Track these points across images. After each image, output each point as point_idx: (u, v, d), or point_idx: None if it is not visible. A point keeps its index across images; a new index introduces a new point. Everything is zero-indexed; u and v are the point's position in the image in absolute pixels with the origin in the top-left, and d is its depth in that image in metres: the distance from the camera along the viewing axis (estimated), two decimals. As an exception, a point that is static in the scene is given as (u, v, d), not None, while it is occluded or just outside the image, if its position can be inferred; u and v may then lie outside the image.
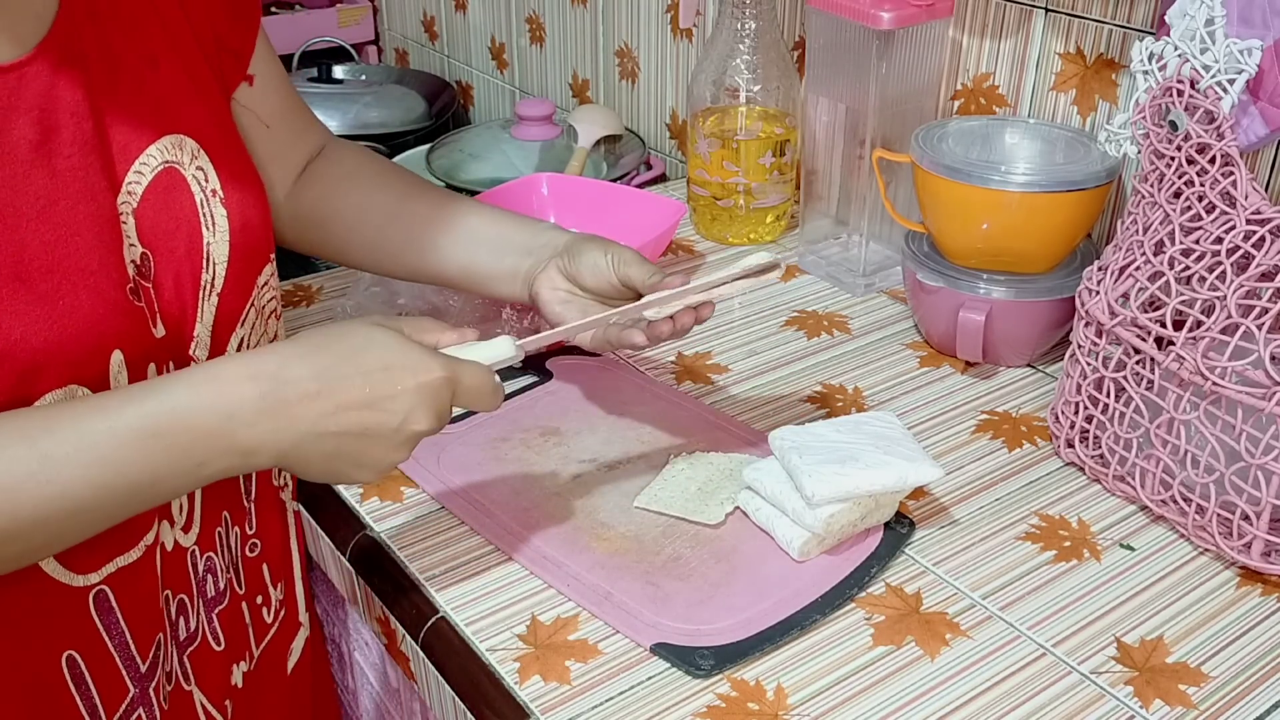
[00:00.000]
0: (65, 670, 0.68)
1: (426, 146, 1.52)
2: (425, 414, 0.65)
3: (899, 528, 0.81)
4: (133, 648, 0.71)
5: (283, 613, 0.86)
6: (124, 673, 0.71)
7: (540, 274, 0.85)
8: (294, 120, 0.88)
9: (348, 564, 0.82)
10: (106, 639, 0.70)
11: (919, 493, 0.86)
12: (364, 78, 1.90)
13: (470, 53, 1.88)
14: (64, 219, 0.63)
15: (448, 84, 1.89)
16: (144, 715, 0.73)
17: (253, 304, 0.75)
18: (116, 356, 0.65)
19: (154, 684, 0.73)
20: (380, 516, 0.84)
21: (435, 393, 0.65)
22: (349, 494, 0.86)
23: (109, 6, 0.68)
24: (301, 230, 0.90)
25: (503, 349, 0.71)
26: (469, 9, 1.84)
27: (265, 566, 0.83)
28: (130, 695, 0.72)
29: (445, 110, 1.80)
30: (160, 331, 0.68)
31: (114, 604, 0.69)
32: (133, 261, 0.66)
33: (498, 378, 0.70)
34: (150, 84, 0.69)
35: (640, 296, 0.80)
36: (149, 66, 0.70)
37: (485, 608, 0.75)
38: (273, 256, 0.78)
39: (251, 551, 0.81)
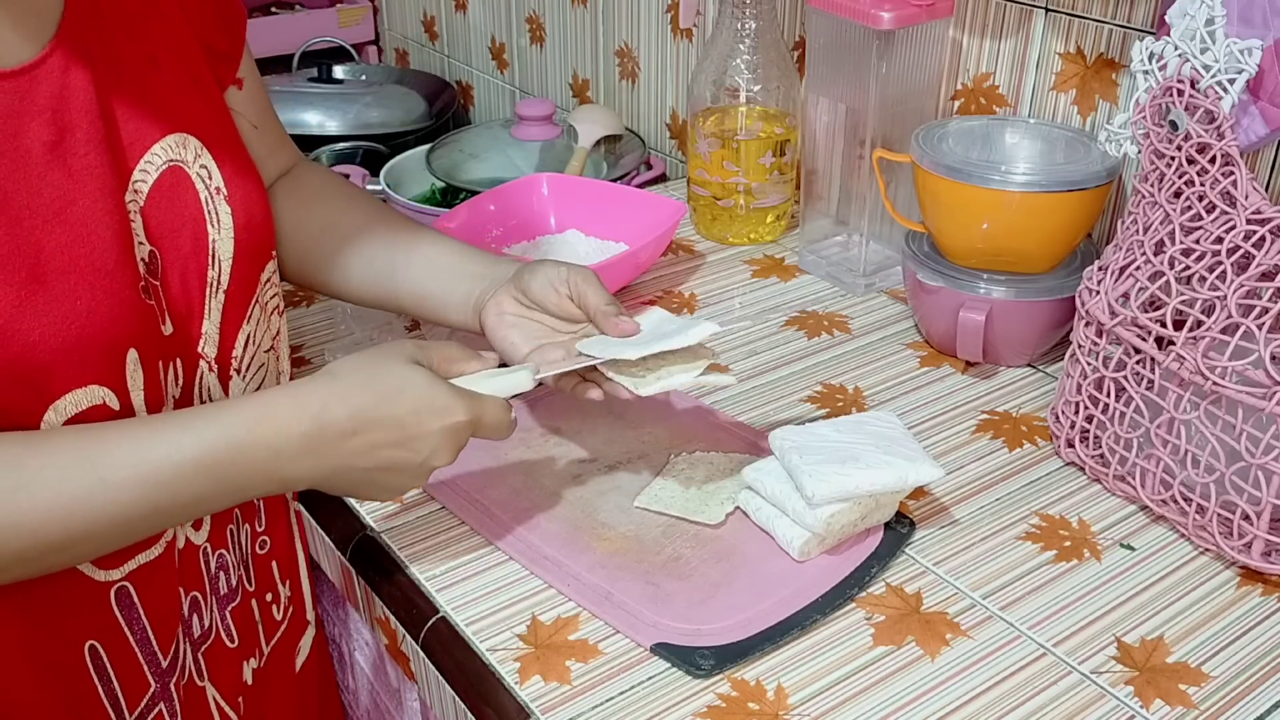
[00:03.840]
0: (88, 659, 0.69)
1: (426, 146, 1.52)
2: (447, 451, 0.71)
3: (899, 528, 0.81)
4: (154, 643, 0.72)
5: (291, 610, 0.86)
6: (145, 668, 0.72)
7: (490, 300, 0.83)
8: (270, 131, 0.89)
9: (348, 563, 0.82)
10: (128, 633, 0.70)
11: (919, 493, 0.86)
12: (364, 78, 1.90)
13: (470, 53, 1.89)
14: (81, 218, 0.63)
15: (448, 84, 1.89)
16: (164, 710, 0.73)
17: (257, 300, 0.76)
18: (132, 355, 0.65)
19: (174, 680, 0.73)
20: (380, 516, 0.84)
21: (458, 434, 0.71)
22: (349, 494, 0.86)
23: (111, 6, 0.69)
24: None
25: (521, 380, 0.76)
26: (469, 9, 1.84)
27: (274, 564, 0.83)
28: (152, 690, 0.72)
29: (445, 110, 1.80)
30: (169, 329, 0.69)
31: (135, 600, 0.70)
32: (142, 259, 0.67)
33: (514, 410, 0.75)
34: (153, 83, 0.70)
35: (588, 319, 0.81)
36: (151, 65, 0.70)
37: (485, 608, 0.75)
38: (274, 253, 0.78)
39: (261, 549, 0.82)
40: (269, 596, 0.83)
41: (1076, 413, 0.87)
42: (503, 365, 0.78)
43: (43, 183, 0.62)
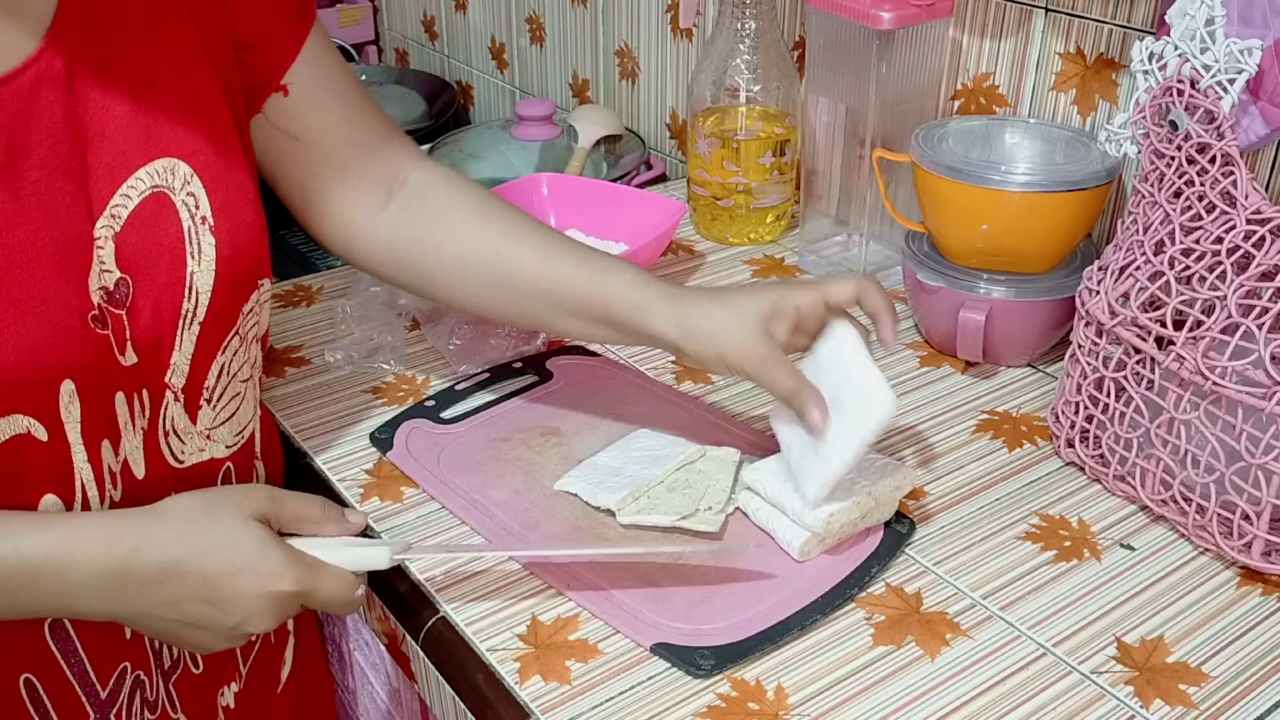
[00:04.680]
0: (23, 692, 0.68)
1: (426, 147, 1.52)
2: (264, 618, 0.66)
3: (899, 527, 0.81)
4: (92, 675, 0.71)
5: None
6: (84, 699, 0.71)
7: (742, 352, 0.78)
8: (360, 135, 0.82)
9: (348, 564, 0.82)
10: (64, 666, 0.69)
11: (919, 493, 0.86)
12: (364, 78, 1.90)
13: (470, 53, 1.89)
14: (20, 244, 0.61)
15: (448, 84, 1.89)
16: None
17: (237, 332, 0.73)
18: (67, 386, 0.63)
19: (115, 710, 0.73)
20: (380, 516, 0.83)
21: (280, 602, 0.66)
22: (349, 494, 0.86)
23: (112, 19, 0.66)
24: (398, 269, 0.84)
25: (376, 558, 0.71)
26: (469, 9, 1.84)
27: None
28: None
29: (445, 110, 1.80)
30: (130, 359, 0.67)
31: (71, 633, 0.69)
32: (103, 288, 0.65)
33: (363, 587, 0.70)
34: (146, 105, 0.67)
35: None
36: (147, 85, 0.67)
37: (485, 608, 0.75)
38: (263, 283, 0.74)
39: None
40: None
41: (1076, 413, 0.87)
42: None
43: None
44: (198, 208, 0.68)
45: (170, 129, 0.68)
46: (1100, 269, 0.86)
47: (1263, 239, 0.76)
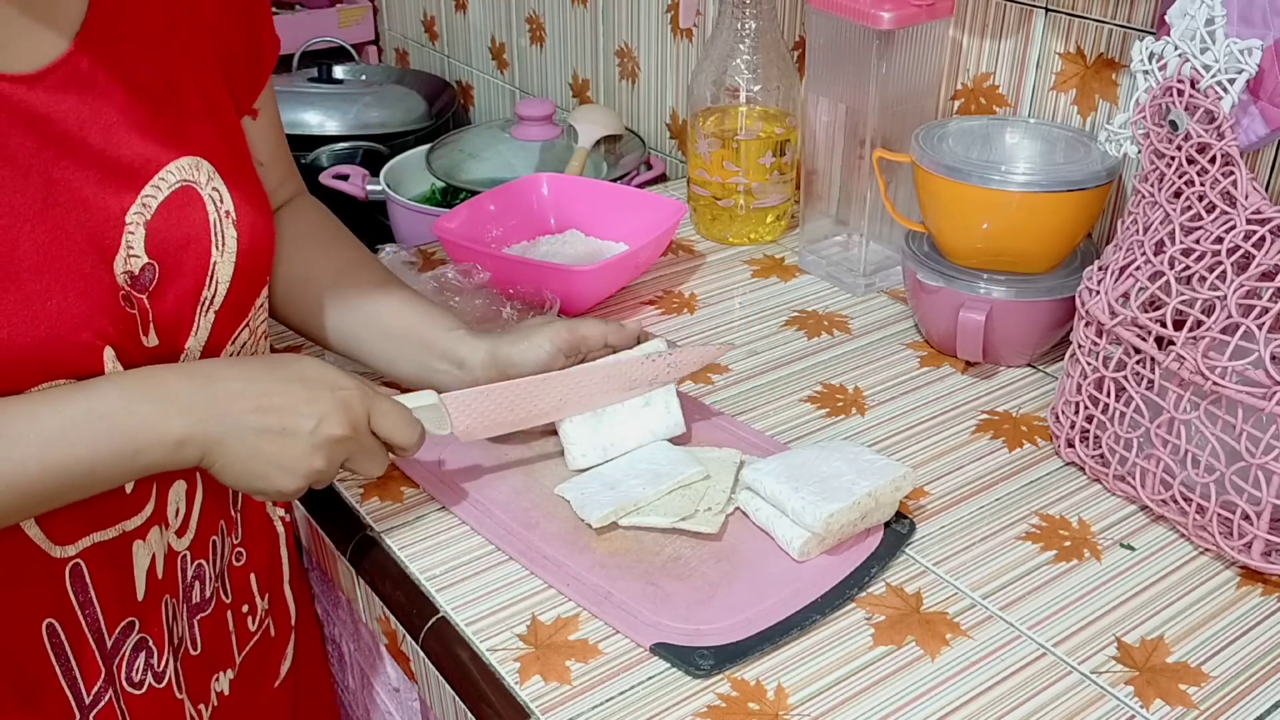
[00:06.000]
0: (45, 638, 0.70)
1: (426, 146, 1.52)
2: (338, 420, 0.70)
3: (899, 527, 0.81)
4: (103, 627, 0.72)
5: (268, 622, 0.86)
6: (95, 652, 0.72)
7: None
8: (280, 166, 0.89)
9: (348, 564, 0.82)
10: (80, 615, 0.71)
11: (919, 493, 0.86)
12: (364, 78, 1.90)
13: (470, 53, 1.89)
14: (57, 223, 0.64)
15: (448, 84, 1.89)
16: (113, 700, 0.74)
17: (247, 324, 0.76)
18: (109, 353, 0.66)
19: (116, 662, 0.74)
20: (380, 516, 0.84)
21: (348, 403, 0.71)
22: (349, 494, 0.86)
23: (134, 28, 0.70)
24: None
25: (425, 397, 0.79)
26: (469, 9, 1.84)
27: (253, 576, 0.84)
28: (102, 675, 0.73)
29: (445, 110, 1.80)
30: (152, 341, 0.70)
31: (88, 579, 0.70)
32: (128, 271, 0.68)
33: (420, 420, 0.76)
34: (169, 107, 0.71)
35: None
36: (168, 91, 0.71)
37: (485, 608, 0.75)
38: (269, 280, 0.79)
39: (238, 561, 0.82)
40: (245, 608, 0.84)
41: (1076, 413, 0.87)
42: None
43: (25, 184, 0.63)
44: (222, 201, 0.73)
45: (191, 130, 0.72)
46: (1100, 269, 0.86)
47: (1263, 239, 0.76)
